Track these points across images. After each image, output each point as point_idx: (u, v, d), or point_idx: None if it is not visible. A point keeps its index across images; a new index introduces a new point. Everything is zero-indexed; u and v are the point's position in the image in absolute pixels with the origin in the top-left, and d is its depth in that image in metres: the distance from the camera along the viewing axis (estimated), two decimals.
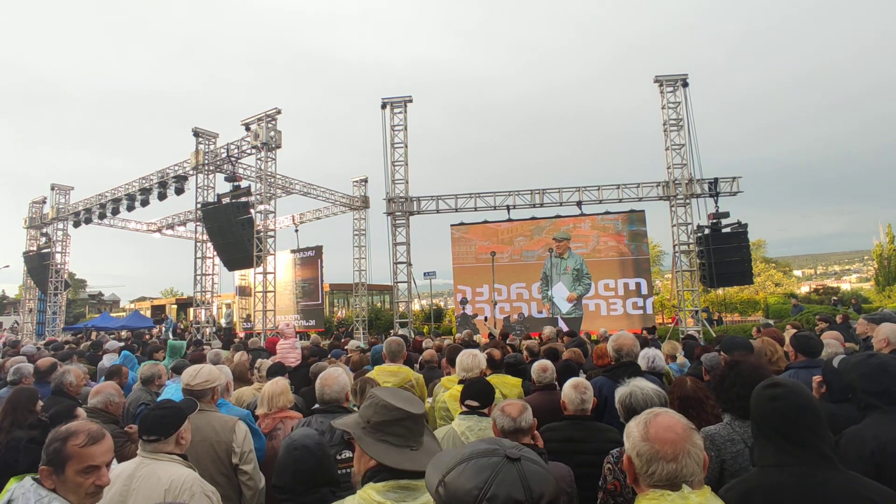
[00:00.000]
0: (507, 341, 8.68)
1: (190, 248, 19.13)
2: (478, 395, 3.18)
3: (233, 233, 15.92)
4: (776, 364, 4.74)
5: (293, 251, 23.91)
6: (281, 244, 23.67)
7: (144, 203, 19.71)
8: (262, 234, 16.30)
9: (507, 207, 17.61)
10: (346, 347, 8.58)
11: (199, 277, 18.63)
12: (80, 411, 2.99)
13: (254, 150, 16.75)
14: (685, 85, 16.50)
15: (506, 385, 4.50)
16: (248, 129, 16.63)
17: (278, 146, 16.51)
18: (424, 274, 20.67)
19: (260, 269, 16.43)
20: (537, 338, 8.92)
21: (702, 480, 1.44)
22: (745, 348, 3.95)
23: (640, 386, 2.43)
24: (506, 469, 0.95)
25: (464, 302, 17.95)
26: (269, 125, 16.28)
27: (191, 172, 18.49)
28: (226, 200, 16.46)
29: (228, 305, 19.62)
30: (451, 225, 18.25)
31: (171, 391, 4.32)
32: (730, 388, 2.57)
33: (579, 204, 17.34)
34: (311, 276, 23.26)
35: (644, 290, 17.10)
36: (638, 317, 16.53)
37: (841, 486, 1.63)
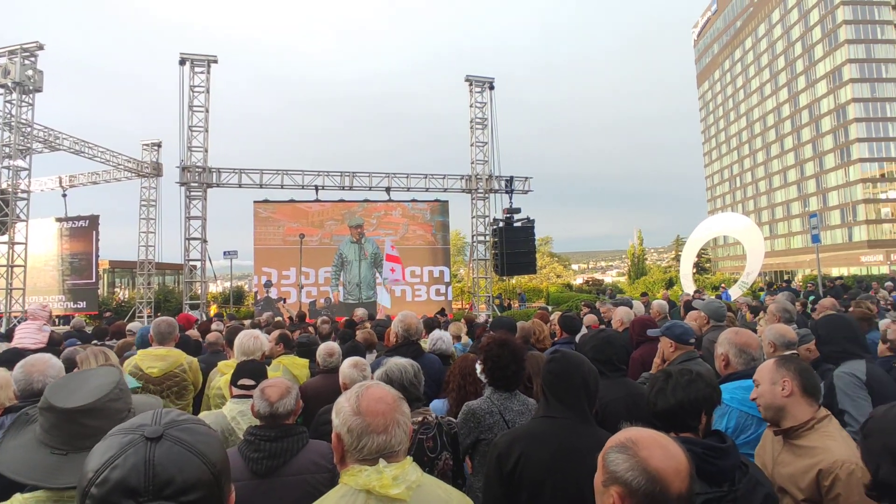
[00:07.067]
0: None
1: None
2: (252, 373, 2.99)
3: None
4: (542, 342, 5.40)
5: (59, 219, 20.08)
6: (42, 210, 19.78)
7: None
8: (9, 195, 13.31)
9: (316, 188, 17.16)
10: (127, 330, 7.54)
11: None
12: None
13: (2, 91, 13.55)
14: (492, 88, 17.94)
15: (295, 366, 4.42)
16: None
17: (38, 89, 13.63)
18: (224, 253, 19.17)
19: (5, 239, 13.44)
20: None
21: (406, 450, 1.45)
22: (510, 327, 4.37)
23: (395, 361, 2.51)
24: (135, 449, 0.83)
25: (268, 284, 17.04)
26: (27, 62, 13.33)
27: None
28: None
29: None
30: (255, 202, 17.14)
31: None
32: (485, 362, 2.83)
33: (388, 190, 17.69)
34: (82, 251, 19.79)
35: (447, 278, 18.19)
36: (441, 303, 17.44)
37: (588, 435, 2.00)
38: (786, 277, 47.11)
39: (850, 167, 61.50)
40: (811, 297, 11.84)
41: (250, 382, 2.94)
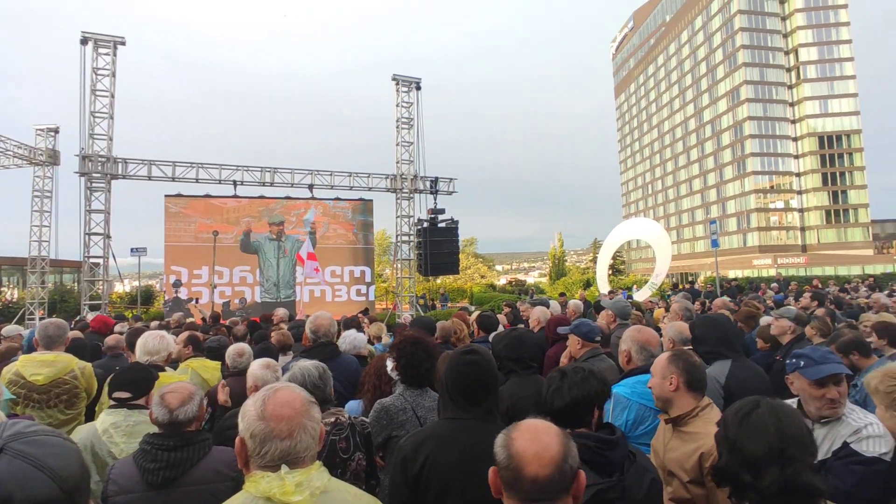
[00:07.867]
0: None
1: None
2: (131, 383, 2.73)
3: None
4: (462, 341, 5.49)
5: None
6: None
7: None
8: None
9: (234, 183, 16.34)
10: (1, 333, 6.83)
11: None
12: None
13: None
14: (418, 88, 17.97)
15: (205, 369, 4.26)
16: None
17: None
18: (132, 250, 17.92)
19: None
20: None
21: (314, 455, 1.41)
22: (427, 327, 4.40)
23: (299, 364, 2.45)
24: None
25: (177, 284, 16.03)
26: None
27: None
28: None
29: None
30: (167, 196, 16.03)
31: None
32: (398, 360, 2.85)
33: (311, 187, 17.20)
34: None
35: (368, 278, 17.98)
36: (362, 303, 17.20)
37: (494, 435, 1.96)
38: (690, 279, 50.81)
39: (746, 179, 67.46)
40: (711, 298, 12.86)
41: (125, 395, 2.70)
